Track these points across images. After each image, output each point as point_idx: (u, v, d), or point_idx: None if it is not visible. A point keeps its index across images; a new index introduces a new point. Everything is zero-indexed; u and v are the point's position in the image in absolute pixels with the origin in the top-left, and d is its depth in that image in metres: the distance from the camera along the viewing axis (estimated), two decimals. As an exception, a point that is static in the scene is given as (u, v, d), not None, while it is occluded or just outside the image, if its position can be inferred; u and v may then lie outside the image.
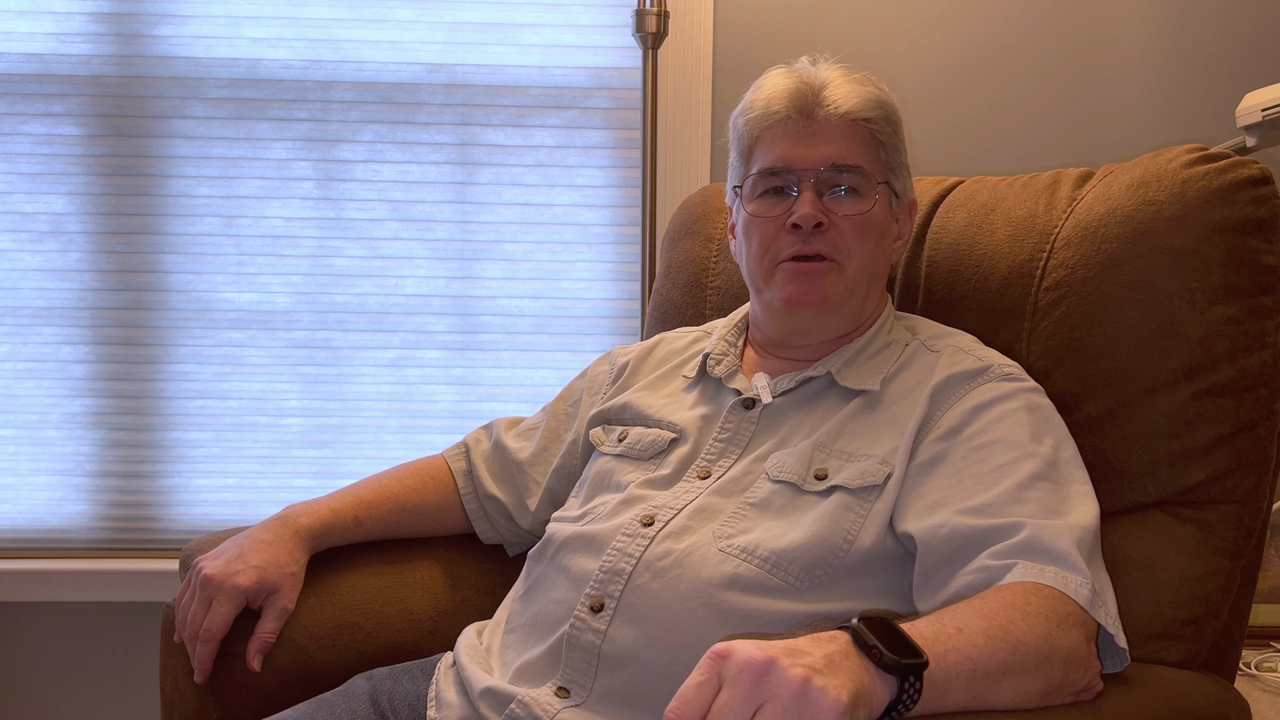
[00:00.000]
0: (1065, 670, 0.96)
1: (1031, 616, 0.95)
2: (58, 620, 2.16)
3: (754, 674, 0.77)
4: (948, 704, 0.88)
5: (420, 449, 1.55)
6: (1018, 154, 2.11)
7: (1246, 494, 1.21)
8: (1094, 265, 1.28)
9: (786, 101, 1.28)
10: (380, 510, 1.43)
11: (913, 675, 0.83)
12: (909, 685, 0.83)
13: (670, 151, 2.10)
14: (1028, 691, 0.94)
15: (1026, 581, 0.99)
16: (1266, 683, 1.78)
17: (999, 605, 0.95)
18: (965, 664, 0.88)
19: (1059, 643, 0.96)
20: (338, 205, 2.16)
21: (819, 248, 1.25)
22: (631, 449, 1.31)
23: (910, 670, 0.83)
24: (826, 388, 1.27)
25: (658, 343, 1.46)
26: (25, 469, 2.17)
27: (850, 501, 1.14)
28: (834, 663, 0.79)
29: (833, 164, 1.26)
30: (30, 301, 2.14)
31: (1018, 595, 0.97)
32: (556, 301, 2.18)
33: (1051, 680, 0.95)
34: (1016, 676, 0.92)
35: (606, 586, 1.15)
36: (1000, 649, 0.91)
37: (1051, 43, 2.11)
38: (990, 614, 0.94)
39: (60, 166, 2.13)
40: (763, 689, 0.77)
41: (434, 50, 2.14)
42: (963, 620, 0.92)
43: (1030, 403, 1.19)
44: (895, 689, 0.83)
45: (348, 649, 1.35)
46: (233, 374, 2.17)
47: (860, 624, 0.83)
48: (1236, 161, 1.24)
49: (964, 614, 0.93)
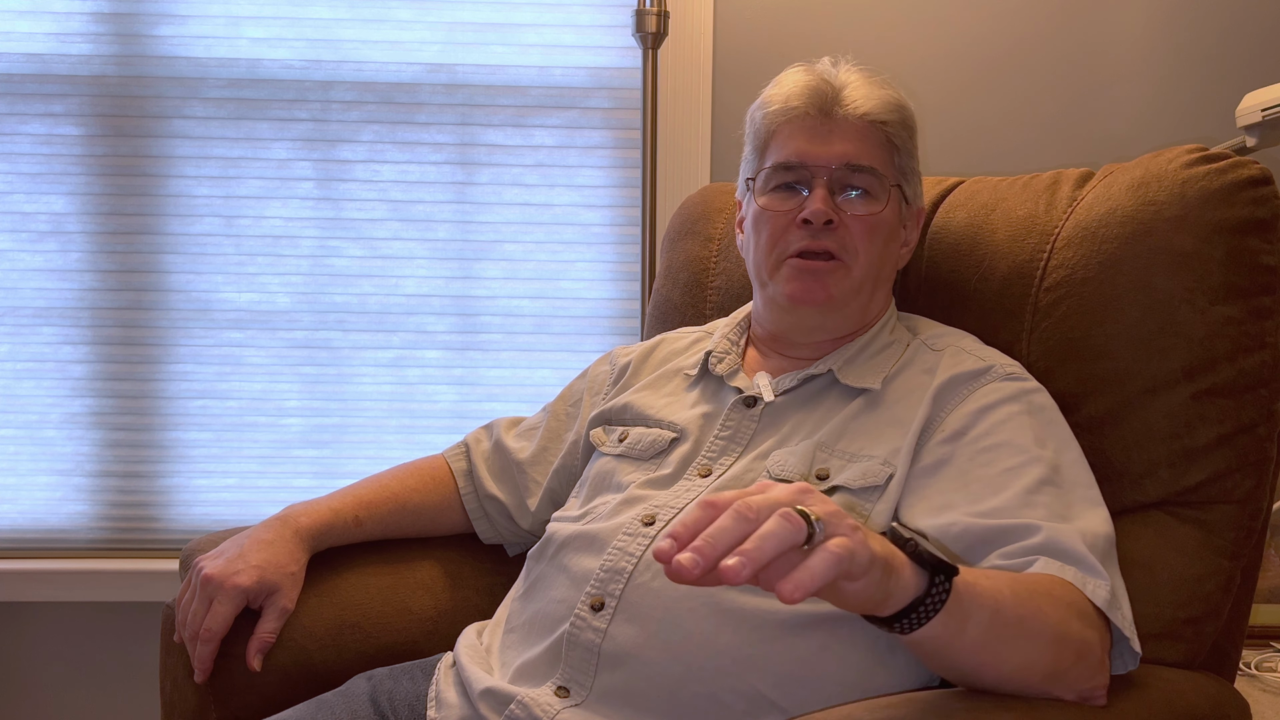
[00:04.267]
0: (1075, 660, 0.97)
1: (1056, 601, 0.97)
2: (58, 620, 2.16)
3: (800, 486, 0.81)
4: (964, 638, 0.89)
5: (420, 449, 1.55)
6: (1018, 154, 2.11)
7: (1246, 494, 1.21)
8: (1094, 265, 1.28)
9: (806, 98, 1.29)
10: (380, 510, 1.43)
11: (942, 574, 0.84)
12: (937, 584, 0.84)
13: (670, 151, 2.10)
14: (1035, 664, 0.95)
15: (1055, 576, 1.00)
16: (1266, 683, 1.78)
17: (1028, 579, 0.98)
18: (989, 603, 0.90)
19: (1075, 632, 0.97)
20: (338, 205, 2.16)
21: (827, 245, 1.25)
22: (632, 449, 1.31)
23: (941, 567, 0.84)
24: (828, 386, 1.27)
25: (659, 343, 1.46)
26: (25, 469, 2.17)
27: (852, 501, 1.14)
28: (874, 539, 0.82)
29: (847, 163, 1.26)
30: (30, 301, 2.14)
31: (1045, 581, 0.99)
32: (556, 301, 2.18)
33: (1060, 663, 0.96)
34: (1031, 642, 0.94)
35: (607, 585, 1.15)
36: (1023, 609, 0.93)
37: (1052, 44, 2.11)
38: (1018, 581, 0.97)
39: (60, 166, 2.13)
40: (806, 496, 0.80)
41: (434, 50, 2.14)
42: (994, 574, 0.95)
43: (1033, 404, 1.19)
44: (925, 585, 0.84)
45: (348, 649, 1.35)
46: (233, 374, 2.17)
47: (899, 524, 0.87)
48: (1236, 161, 1.24)
49: (994, 573, 0.96)
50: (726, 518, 0.77)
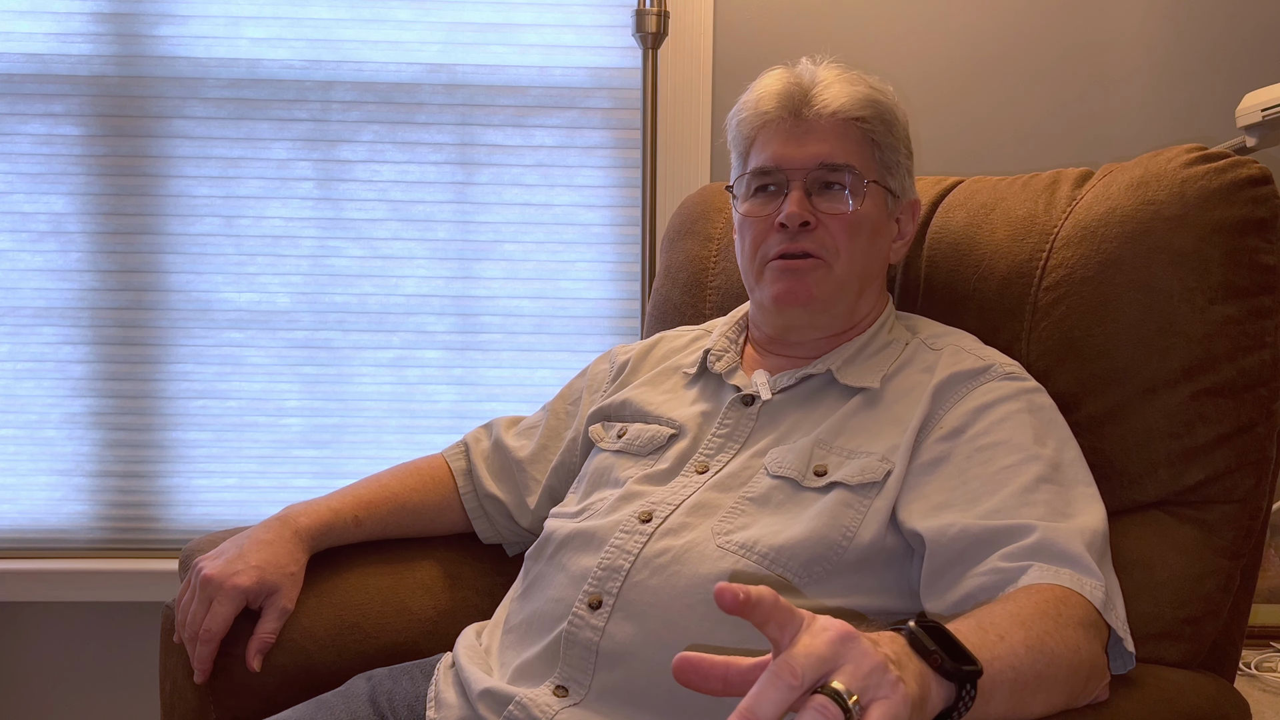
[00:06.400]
0: (1087, 681, 0.97)
1: (1064, 627, 0.95)
2: (58, 620, 2.16)
3: (839, 633, 0.76)
4: (989, 713, 0.87)
5: (420, 449, 1.55)
6: (1018, 154, 2.11)
7: (1246, 494, 1.21)
8: (1094, 265, 1.28)
9: (776, 102, 1.30)
10: (380, 510, 1.43)
11: (969, 683, 0.83)
12: (965, 692, 0.83)
13: (670, 151, 2.10)
14: (1054, 703, 0.94)
15: (1055, 586, 0.99)
16: (1266, 683, 1.78)
17: (1035, 613, 0.95)
18: (1008, 673, 0.88)
19: (1085, 656, 0.96)
20: (338, 205, 2.16)
21: (805, 246, 1.26)
22: (630, 445, 1.31)
23: (968, 678, 0.83)
24: (826, 385, 1.27)
25: (658, 341, 1.46)
26: (25, 469, 2.17)
27: (850, 498, 1.14)
28: (901, 661, 0.79)
29: (821, 163, 1.26)
30: (30, 301, 2.14)
31: (1049, 603, 0.97)
32: (556, 301, 2.18)
33: (1074, 691, 0.96)
34: (1049, 688, 0.93)
35: (604, 583, 1.15)
36: (1038, 661, 0.91)
37: (1052, 43, 2.11)
38: (1028, 623, 0.93)
39: (60, 166, 2.13)
40: (845, 650, 0.75)
41: (434, 50, 2.14)
42: (1003, 628, 0.91)
43: (1032, 403, 1.19)
44: (952, 696, 0.83)
45: (347, 649, 1.35)
46: (233, 374, 2.17)
47: (918, 629, 0.83)
48: (1236, 161, 1.24)
49: (1003, 621, 0.93)
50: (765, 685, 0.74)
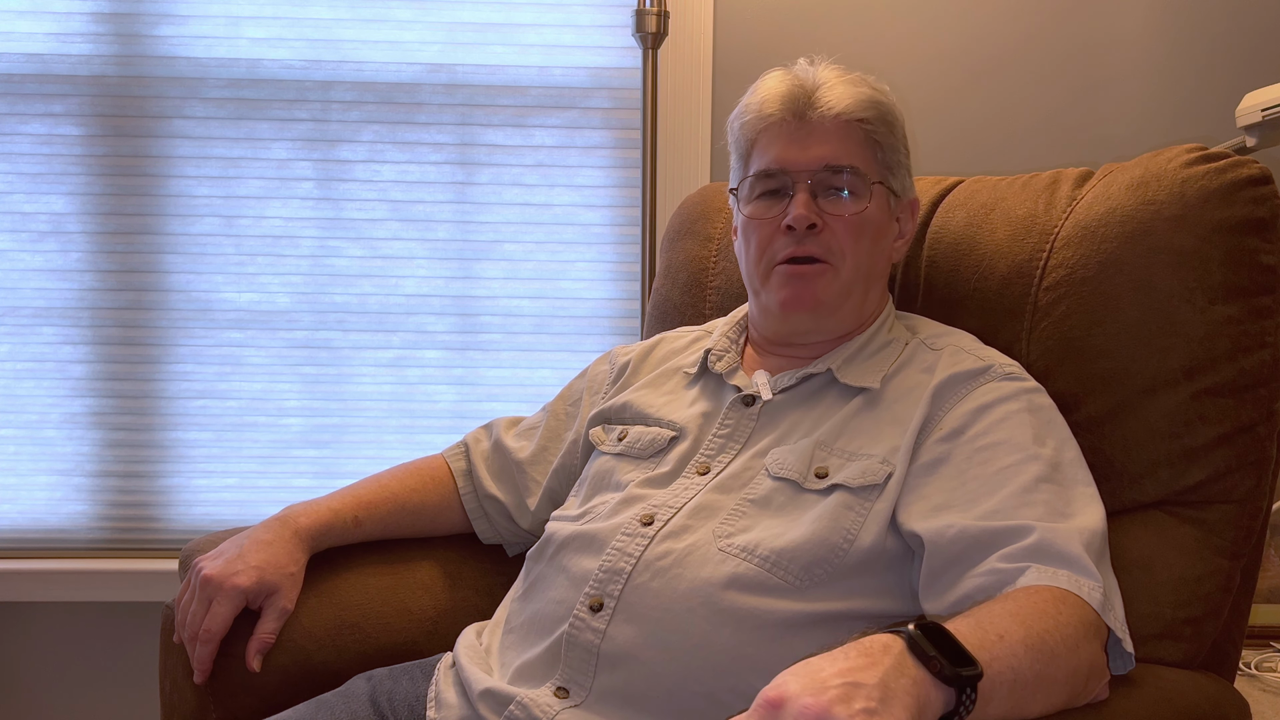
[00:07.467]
0: (1087, 681, 0.97)
1: (1063, 627, 0.95)
2: (58, 620, 2.16)
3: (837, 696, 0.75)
4: (989, 714, 0.87)
5: (420, 449, 1.55)
6: (1018, 154, 2.11)
7: (1246, 494, 1.21)
8: (1094, 265, 1.28)
9: (780, 104, 1.29)
10: (380, 510, 1.42)
11: (969, 687, 0.83)
12: (966, 696, 0.82)
13: (670, 151, 2.10)
14: (1054, 702, 0.94)
15: (1054, 588, 0.99)
16: (1266, 683, 1.78)
17: (1033, 613, 0.95)
18: (1008, 674, 0.88)
19: (1084, 656, 0.96)
20: (338, 205, 2.16)
21: (813, 249, 1.26)
22: (631, 448, 1.31)
23: (968, 682, 0.82)
24: (826, 385, 1.27)
25: (658, 342, 1.46)
26: (25, 469, 2.17)
27: (851, 500, 1.14)
28: (890, 690, 0.78)
29: (826, 165, 1.26)
30: (30, 301, 2.14)
31: (1048, 603, 0.97)
32: (556, 301, 2.18)
33: (1074, 691, 0.96)
34: (1049, 688, 0.93)
35: (606, 586, 1.15)
36: (1038, 661, 0.91)
37: (1051, 43, 2.11)
38: (1028, 622, 0.93)
39: (60, 166, 2.13)
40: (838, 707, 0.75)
41: (434, 50, 2.14)
42: (1003, 627, 0.91)
43: (1032, 403, 1.19)
44: (953, 700, 0.82)
45: (347, 649, 1.35)
46: (233, 374, 2.17)
47: (917, 632, 0.83)
48: (1236, 161, 1.24)
49: (1002, 620, 0.92)
50: None
